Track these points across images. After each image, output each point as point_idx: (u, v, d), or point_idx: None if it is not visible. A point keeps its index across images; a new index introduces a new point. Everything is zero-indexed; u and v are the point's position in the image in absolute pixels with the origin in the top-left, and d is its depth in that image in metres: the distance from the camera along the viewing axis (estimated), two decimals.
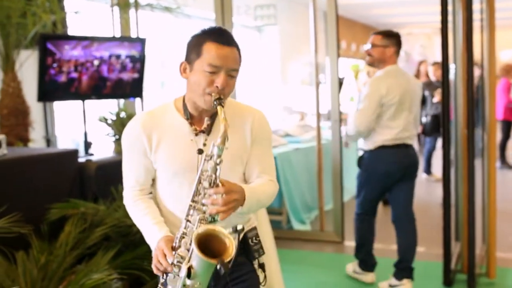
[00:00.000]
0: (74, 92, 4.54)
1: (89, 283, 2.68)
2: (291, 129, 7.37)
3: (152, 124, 2.04)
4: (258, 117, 2.10)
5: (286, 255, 5.12)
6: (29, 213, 3.24)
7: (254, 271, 2.16)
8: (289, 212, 5.86)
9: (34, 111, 5.41)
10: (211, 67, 1.90)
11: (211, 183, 1.83)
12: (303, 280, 4.53)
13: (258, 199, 1.99)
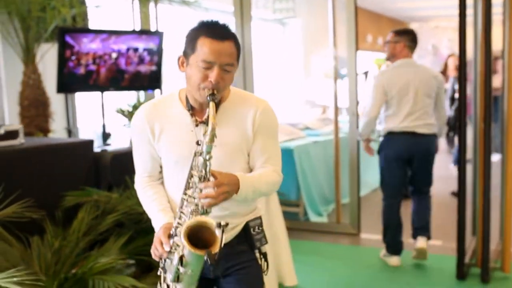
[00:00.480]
0: (92, 84, 4.63)
1: (97, 267, 2.76)
2: (311, 122, 7.39)
3: (156, 114, 2.08)
4: (261, 108, 2.09)
5: (302, 247, 5.16)
6: (45, 200, 3.34)
7: (255, 259, 2.18)
8: (306, 204, 5.89)
9: (56, 103, 5.54)
10: (205, 63, 1.91)
11: (201, 178, 1.87)
12: (319, 271, 4.56)
13: (255, 188, 2.00)
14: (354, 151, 5.40)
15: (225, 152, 2.03)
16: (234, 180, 1.92)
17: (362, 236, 5.46)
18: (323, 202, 6.21)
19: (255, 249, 2.19)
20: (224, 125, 2.03)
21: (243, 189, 1.93)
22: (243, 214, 2.15)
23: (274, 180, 2.11)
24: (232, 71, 1.98)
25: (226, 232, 2.07)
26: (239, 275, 2.15)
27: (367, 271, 4.53)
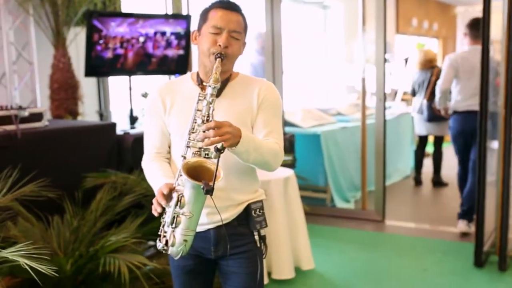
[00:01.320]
0: (120, 68, 4.72)
1: (109, 245, 2.86)
2: (344, 108, 7.37)
3: (168, 90, 2.18)
4: (265, 86, 2.18)
5: (326, 232, 5.19)
6: (67, 181, 3.46)
7: (255, 242, 2.21)
8: (333, 190, 5.89)
9: (88, 86, 5.67)
10: (214, 28, 2.03)
11: (204, 120, 1.90)
12: (338, 256, 4.58)
13: (256, 146, 2.00)
14: (381, 138, 5.37)
15: (231, 120, 2.06)
16: (236, 128, 1.93)
17: (387, 223, 5.44)
18: (351, 188, 6.21)
19: (255, 231, 2.22)
20: (231, 97, 2.12)
21: (244, 140, 1.93)
22: (244, 191, 2.18)
23: (275, 149, 2.11)
24: (240, 40, 2.08)
25: (228, 211, 2.14)
26: (240, 258, 2.19)
27: (386, 257, 4.53)
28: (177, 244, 1.90)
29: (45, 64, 5.05)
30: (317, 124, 6.14)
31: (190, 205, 1.85)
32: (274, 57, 5.69)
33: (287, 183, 4.03)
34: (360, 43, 5.69)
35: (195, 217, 1.89)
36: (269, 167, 2.12)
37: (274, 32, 5.65)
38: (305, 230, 4.15)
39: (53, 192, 2.96)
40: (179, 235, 1.89)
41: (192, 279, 2.21)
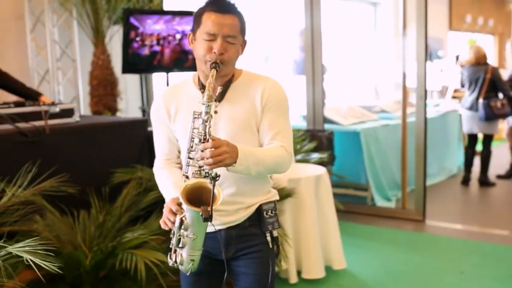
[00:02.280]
0: (156, 65, 4.77)
1: (127, 241, 2.88)
2: (388, 105, 7.23)
3: (171, 96, 2.14)
4: (269, 85, 2.10)
5: (364, 231, 5.10)
6: (95, 176, 3.51)
7: (266, 243, 2.17)
8: (373, 189, 5.79)
9: (131, 83, 5.76)
10: (208, 35, 1.96)
11: (201, 139, 1.87)
12: (373, 255, 4.49)
13: (257, 160, 1.97)
14: (421, 136, 5.23)
15: (235, 127, 2.04)
16: (234, 147, 1.91)
17: (427, 223, 5.30)
18: (393, 187, 6.08)
19: (266, 232, 2.18)
20: (234, 101, 2.07)
21: (242, 158, 1.91)
22: (254, 195, 2.14)
23: (280, 155, 2.06)
24: (235, 44, 2.01)
25: (239, 213, 2.11)
26: (250, 259, 2.16)
27: (422, 258, 4.40)
28: (185, 263, 1.95)
29: (87, 61, 5.16)
30: (358, 121, 6.03)
31: (193, 228, 1.86)
32: (314, 54, 5.63)
33: (318, 181, 3.97)
34: (402, 40, 5.54)
35: (199, 238, 1.90)
36: (276, 172, 2.10)
37: (313, 29, 5.59)
38: (337, 228, 4.08)
39: (74, 188, 2.99)
40: (185, 255, 1.93)
41: (199, 280, 2.19)
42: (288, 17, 8.10)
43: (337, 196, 5.83)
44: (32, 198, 2.89)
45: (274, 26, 8.48)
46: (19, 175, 2.83)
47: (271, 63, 9.00)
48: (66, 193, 3.06)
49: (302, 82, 5.87)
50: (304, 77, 5.77)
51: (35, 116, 3.39)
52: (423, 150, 5.23)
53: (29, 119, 3.36)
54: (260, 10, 8.24)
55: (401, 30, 5.53)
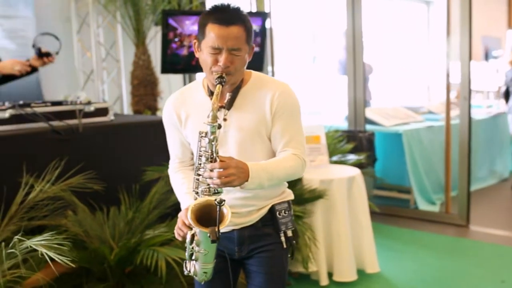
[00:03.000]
0: (195, 65, 4.81)
1: (148, 239, 2.93)
2: (435, 106, 7.08)
3: (181, 101, 2.15)
4: (279, 91, 2.08)
5: (405, 235, 5.01)
6: (127, 174, 3.57)
7: (280, 243, 2.17)
8: (415, 192, 5.67)
9: (175, 83, 5.84)
10: (213, 49, 1.96)
11: (208, 158, 1.89)
12: (409, 260, 4.39)
13: (270, 175, 1.97)
14: (465, 138, 5.09)
15: (244, 136, 2.05)
16: (243, 168, 1.91)
17: (471, 228, 5.15)
18: (437, 190, 5.93)
19: (280, 232, 2.17)
20: (243, 109, 2.06)
21: (254, 176, 1.92)
22: (267, 197, 2.15)
23: (293, 165, 2.06)
24: (241, 55, 1.99)
25: (251, 215, 2.12)
26: (262, 258, 2.16)
27: (462, 264, 4.28)
28: (199, 275, 2.01)
29: (130, 62, 5.27)
30: (401, 122, 5.93)
31: (203, 244, 1.90)
32: (355, 54, 5.57)
33: (351, 182, 3.93)
34: (447, 40, 5.41)
35: (210, 253, 1.94)
36: (291, 180, 2.12)
37: (355, 29, 5.54)
38: (370, 231, 4.03)
39: (100, 184, 3.06)
40: (198, 268, 1.98)
41: (214, 279, 2.18)
42: (334, 18, 8.05)
43: (379, 198, 5.80)
44: (61, 194, 2.97)
45: (322, 26, 8.44)
46: (47, 171, 2.92)
47: (318, 64, 8.97)
48: (96, 190, 3.15)
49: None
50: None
51: (72, 114, 3.48)
52: (467, 152, 5.09)
53: (66, 117, 3.46)
54: (308, 10, 8.21)
55: (453, 29, 5.39)
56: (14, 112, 3.28)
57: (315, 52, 8.94)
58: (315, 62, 9.01)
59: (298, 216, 3.62)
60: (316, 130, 4.27)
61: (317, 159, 4.21)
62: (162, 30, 4.60)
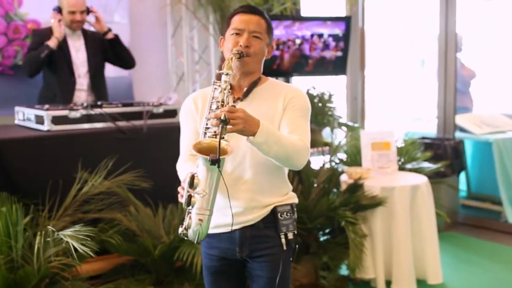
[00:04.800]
0: (276, 69, 4.92)
1: None
2: None
3: (200, 96, 2.26)
4: (292, 90, 2.20)
5: (486, 248, 4.77)
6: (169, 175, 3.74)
7: (281, 245, 2.21)
8: (506, 204, 5.36)
9: None
10: (236, 30, 2.14)
11: (218, 106, 1.98)
12: (487, 275, 4.17)
13: (278, 140, 2.00)
14: None
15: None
16: (254, 119, 1.95)
17: None
18: None
19: (281, 233, 2.21)
20: (256, 102, 2.16)
21: (263, 131, 1.94)
22: (271, 193, 2.19)
23: (299, 145, 2.08)
24: (262, 40, 2.15)
25: (254, 212, 2.16)
26: (264, 263, 2.20)
27: None
28: (193, 225, 1.91)
29: None
30: (495, 131, 5.63)
31: (203, 184, 1.87)
32: (447, 58, 5.39)
33: (415, 191, 3.84)
34: None
35: (210, 196, 1.90)
36: (293, 162, 2.09)
37: (447, 32, 5.36)
38: (435, 241, 3.91)
39: (147, 182, 3.25)
40: (194, 215, 1.91)
41: (218, 280, 2.28)
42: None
43: (466, 208, 5.57)
44: (115, 189, 3.21)
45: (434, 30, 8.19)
46: (99, 167, 3.17)
47: (427, 67, 8.71)
48: (155, 187, 3.36)
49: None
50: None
51: (136, 116, 3.71)
52: None
53: (135, 118, 3.70)
54: (416, 12, 8.03)
55: None
56: (85, 112, 3.57)
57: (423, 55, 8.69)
58: (424, 66, 8.75)
59: (352, 223, 3.61)
60: (386, 136, 4.21)
61: (386, 165, 4.15)
62: None
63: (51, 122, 3.46)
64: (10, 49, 4.61)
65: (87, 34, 4.27)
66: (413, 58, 8.71)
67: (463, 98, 6.19)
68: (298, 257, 3.73)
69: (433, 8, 6.42)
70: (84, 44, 4.23)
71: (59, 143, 3.38)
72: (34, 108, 3.62)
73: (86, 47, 4.23)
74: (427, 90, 8.41)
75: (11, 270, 2.70)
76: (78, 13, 4.08)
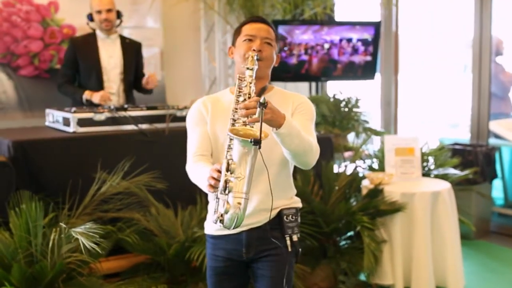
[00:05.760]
0: (304, 73, 4.96)
1: (194, 236, 3.14)
2: None
3: (209, 101, 2.34)
4: (299, 97, 2.31)
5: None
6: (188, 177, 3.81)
7: (286, 247, 2.27)
8: None
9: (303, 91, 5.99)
10: (248, 36, 2.24)
11: (245, 99, 2.04)
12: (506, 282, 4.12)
13: (298, 133, 2.06)
14: None
15: (269, 131, 2.16)
16: (280, 112, 2.01)
17: None
18: None
19: (286, 235, 2.27)
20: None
21: (288, 123, 2.01)
22: (279, 197, 2.22)
23: (313, 143, 2.16)
24: (272, 46, 2.25)
25: (261, 214, 2.23)
26: (268, 262, 2.26)
27: None
28: (232, 209, 1.89)
29: None
30: None
31: (240, 167, 1.89)
32: (481, 63, 5.31)
33: (436, 197, 3.80)
34: None
35: (246, 180, 1.90)
36: (307, 159, 2.14)
37: (482, 37, 5.28)
38: (458, 249, 3.86)
39: (166, 184, 3.34)
40: (231, 198, 1.89)
41: (222, 281, 2.34)
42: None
43: (502, 217, 5.46)
44: (134, 190, 3.31)
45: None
46: (117, 168, 3.27)
47: (469, 73, 8.54)
48: (174, 189, 3.44)
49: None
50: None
51: (160, 119, 3.80)
52: None
53: (160, 121, 3.80)
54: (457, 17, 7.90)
55: None
56: (110, 115, 3.69)
57: (466, 61, 8.52)
58: (466, 71, 8.58)
59: (368, 228, 3.61)
60: (411, 142, 4.18)
61: (409, 171, 4.12)
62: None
63: (77, 124, 3.59)
64: (46, 53, 4.80)
65: (124, 41, 4.39)
66: (455, 63, 8.54)
67: (501, 103, 6.08)
68: (316, 261, 3.76)
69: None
70: (120, 50, 4.35)
71: (83, 144, 3.50)
72: (62, 111, 3.76)
73: (122, 52, 4.35)
74: (466, 95, 8.27)
75: (30, 264, 2.82)
76: (104, 11, 4.20)
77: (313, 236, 3.65)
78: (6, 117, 4.67)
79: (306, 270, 3.66)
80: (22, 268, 2.73)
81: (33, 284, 2.76)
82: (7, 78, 4.72)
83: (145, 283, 3.14)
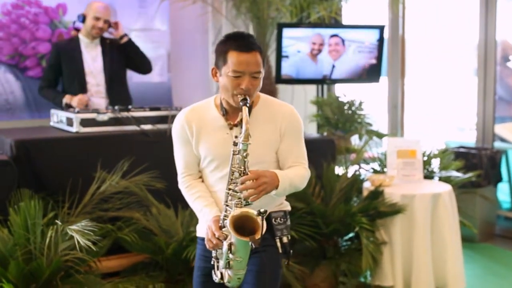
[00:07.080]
0: None
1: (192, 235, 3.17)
2: None
3: (193, 116, 2.32)
4: (287, 113, 2.30)
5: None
6: None
7: (273, 245, 2.31)
8: None
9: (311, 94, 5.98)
10: (235, 72, 2.15)
11: (241, 173, 2.10)
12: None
13: (291, 182, 2.22)
14: None
15: (259, 145, 2.22)
16: (272, 175, 2.15)
17: None
18: None
19: (276, 237, 2.32)
20: (260, 125, 2.25)
21: (282, 183, 2.16)
22: (268, 205, 2.27)
23: (304, 175, 2.33)
24: (260, 78, 2.21)
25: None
26: (255, 258, 2.28)
27: None
28: (233, 281, 2.19)
29: None
30: None
31: (239, 252, 2.08)
32: (486, 67, 5.30)
33: (436, 199, 3.80)
34: None
35: (244, 260, 2.13)
36: (298, 190, 2.32)
37: (487, 40, 5.27)
38: (458, 251, 3.86)
39: (165, 184, 3.37)
40: (232, 274, 2.16)
41: (208, 281, 2.36)
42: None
43: (509, 221, 5.43)
44: (133, 189, 3.35)
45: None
46: (116, 167, 3.32)
47: None
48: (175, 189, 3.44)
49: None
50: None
51: (162, 120, 3.84)
52: None
53: (162, 121, 3.84)
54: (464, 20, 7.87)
55: None
56: (113, 115, 3.74)
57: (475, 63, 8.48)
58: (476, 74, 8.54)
59: (367, 229, 3.62)
60: (412, 144, 4.18)
61: (410, 173, 4.13)
62: (277, 41, 4.82)
63: (80, 124, 3.64)
64: None
65: (105, 43, 4.40)
66: (463, 66, 8.52)
67: (508, 107, 6.06)
68: (316, 262, 3.78)
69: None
70: (101, 52, 4.37)
71: (85, 144, 3.55)
72: (66, 111, 3.82)
73: (103, 55, 4.36)
74: (474, 99, 8.23)
75: (28, 261, 2.87)
76: (102, 20, 4.25)
77: (312, 237, 3.67)
78: (14, 118, 4.75)
79: (306, 271, 3.68)
80: (20, 265, 2.78)
81: (31, 281, 2.82)
82: (14, 79, 4.80)
83: (143, 281, 3.18)
